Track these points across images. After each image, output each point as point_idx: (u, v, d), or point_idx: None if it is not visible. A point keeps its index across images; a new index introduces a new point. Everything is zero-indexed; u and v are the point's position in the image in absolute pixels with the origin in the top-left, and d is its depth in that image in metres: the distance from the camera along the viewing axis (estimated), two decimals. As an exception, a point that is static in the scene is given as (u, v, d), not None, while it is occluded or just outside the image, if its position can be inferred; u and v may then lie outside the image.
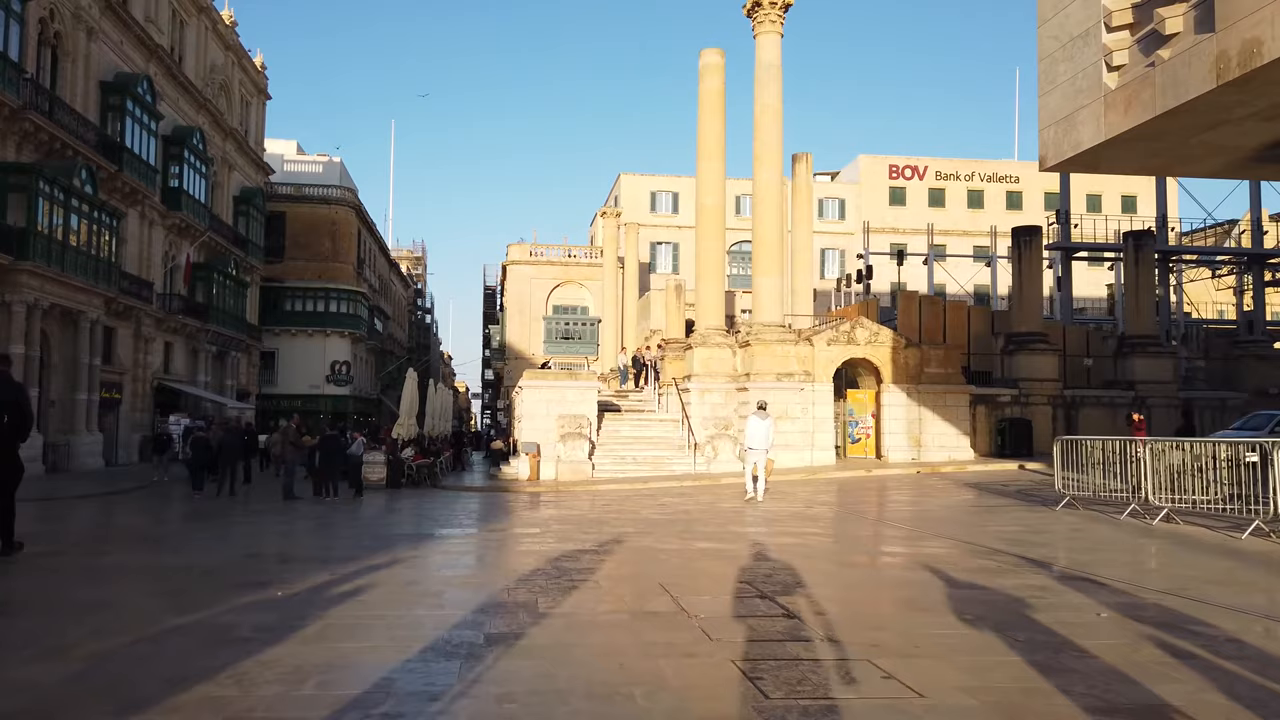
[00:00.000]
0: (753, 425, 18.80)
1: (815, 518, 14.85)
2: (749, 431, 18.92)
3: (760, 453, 18.30)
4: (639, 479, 25.11)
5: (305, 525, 15.07)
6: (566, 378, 27.72)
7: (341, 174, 63.61)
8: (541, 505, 18.06)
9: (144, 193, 36.14)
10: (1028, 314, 30.11)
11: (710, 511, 15.81)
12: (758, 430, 18.57)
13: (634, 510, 16.28)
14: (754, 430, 18.67)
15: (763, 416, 18.89)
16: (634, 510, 16.28)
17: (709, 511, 15.88)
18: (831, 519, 14.60)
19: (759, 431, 18.55)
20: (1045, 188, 68.45)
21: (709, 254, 29.00)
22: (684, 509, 16.39)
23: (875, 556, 10.48)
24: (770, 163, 27.67)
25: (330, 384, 57.89)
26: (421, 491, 24.51)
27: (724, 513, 15.50)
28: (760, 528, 13.15)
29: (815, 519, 14.66)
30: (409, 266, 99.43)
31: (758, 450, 18.36)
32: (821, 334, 27.52)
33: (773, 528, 13.03)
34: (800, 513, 15.53)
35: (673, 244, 63.25)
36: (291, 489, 19.44)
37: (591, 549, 10.68)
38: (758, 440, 18.53)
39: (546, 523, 14.03)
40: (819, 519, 14.66)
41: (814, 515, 15.27)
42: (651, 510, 16.06)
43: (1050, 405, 29.34)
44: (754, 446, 18.54)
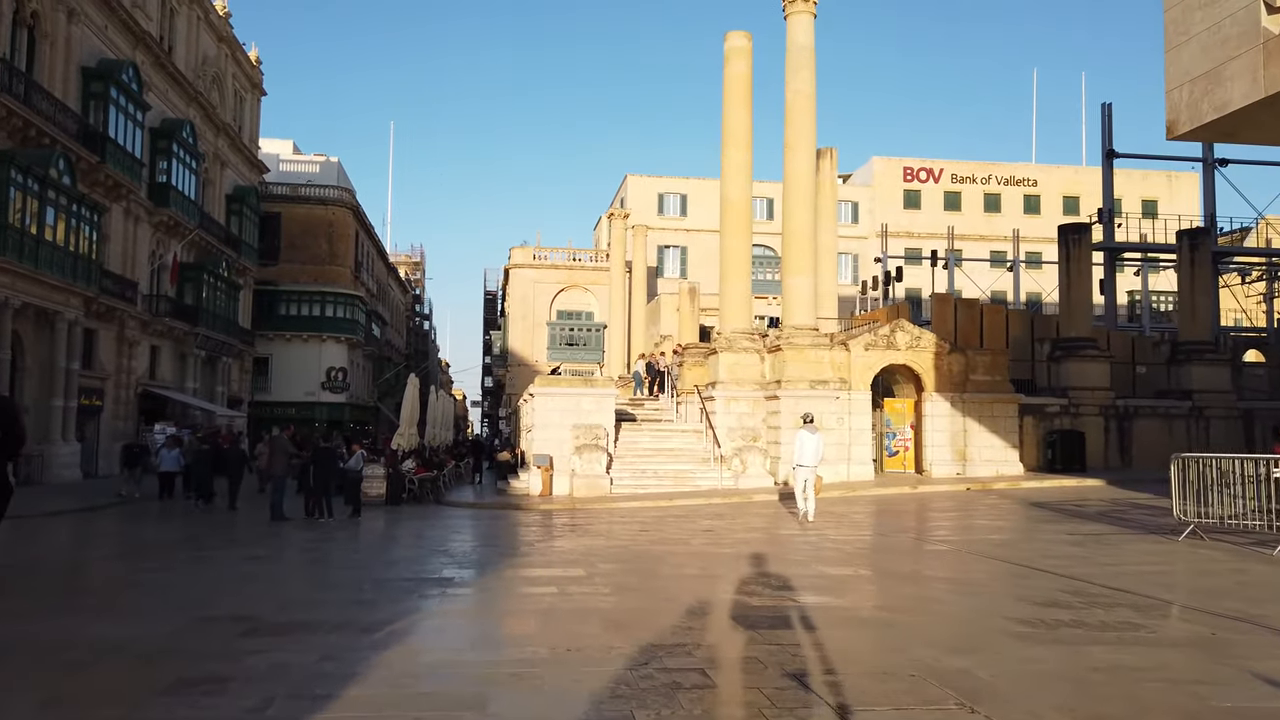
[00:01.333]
0: (803, 440, 16.86)
1: (900, 550, 12.70)
2: (799, 446, 17.06)
3: (810, 470, 16.58)
4: (662, 495, 22.98)
5: (289, 562, 12.70)
6: (582, 384, 25.59)
7: (339, 174, 61.55)
8: (566, 530, 15.87)
9: (129, 187, 34.00)
10: (1076, 318, 28.03)
11: (773, 541, 13.61)
12: (808, 445, 16.62)
13: (678, 537, 14.09)
14: (804, 445, 16.73)
15: (812, 430, 16.95)
16: (678, 537, 14.09)
17: (770, 540, 13.69)
18: (933, 555, 12.16)
19: (809, 446, 16.61)
20: (1064, 191, 66.69)
21: (734, 251, 26.91)
22: (739, 537, 14.20)
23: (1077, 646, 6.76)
24: (803, 151, 25.60)
25: (326, 391, 55.71)
26: (424, 509, 22.34)
27: (792, 543, 13.27)
28: (861, 568, 10.96)
29: (906, 553, 12.49)
30: (407, 271, 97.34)
31: (808, 467, 16.56)
32: (858, 338, 25.41)
33: (882, 573, 10.77)
34: (880, 543, 13.40)
35: (681, 247, 61.16)
36: (280, 508, 17.26)
37: (676, 614, 7.76)
38: (808, 455, 16.60)
39: (586, 558, 11.61)
40: (911, 553, 12.46)
41: (894, 547, 13.13)
42: (700, 539, 13.83)
43: (1102, 416, 27.24)
44: (804, 463, 16.60)
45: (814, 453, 16.52)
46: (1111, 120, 33.08)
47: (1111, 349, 28.42)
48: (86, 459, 31.40)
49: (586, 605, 8.43)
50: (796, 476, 17.09)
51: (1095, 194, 66.56)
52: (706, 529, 15.21)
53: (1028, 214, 65.02)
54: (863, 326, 28.53)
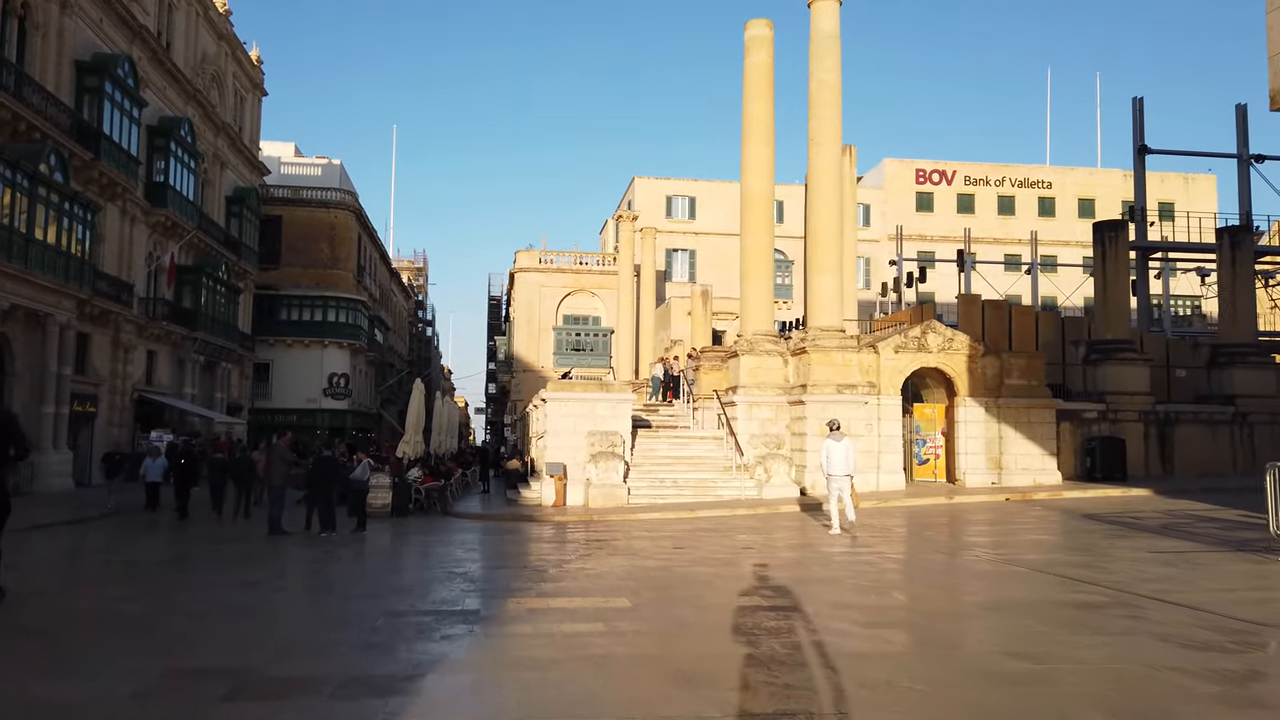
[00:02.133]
0: (832, 448, 15.84)
1: (974, 572, 11.42)
2: (828, 455, 15.91)
3: (844, 479, 15.70)
4: (683, 505, 21.73)
5: (288, 588, 11.21)
6: (596, 389, 24.35)
7: (341, 176, 60.44)
8: (591, 546, 14.60)
9: (124, 185, 32.83)
10: (1114, 319, 26.76)
11: (825, 561, 12.34)
12: (838, 453, 15.69)
13: (719, 556, 12.78)
14: (835, 454, 15.73)
15: (838, 437, 16.01)
16: (719, 556, 12.78)
17: (822, 560, 12.41)
18: (1016, 579, 10.68)
19: (840, 455, 15.68)
20: (1080, 193, 65.54)
21: (756, 249, 25.69)
22: (787, 556, 12.91)
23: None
24: (828, 144, 24.39)
25: (328, 398, 54.52)
26: (432, 521, 21.10)
27: (849, 564, 11.98)
28: (947, 596, 9.70)
29: (981, 576, 11.20)
30: (410, 277, 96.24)
31: (840, 477, 15.69)
32: (888, 340, 24.17)
33: (979, 605, 9.47)
34: (946, 564, 12.15)
35: (690, 250, 59.99)
36: (279, 521, 16.00)
37: (761, 664, 6.34)
38: (839, 465, 15.68)
39: (626, 584, 10.09)
40: (988, 576, 11.18)
41: (964, 567, 11.86)
42: (745, 558, 12.45)
43: (1141, 422, 25.96)
44: (836, 473, 15.72)
45: (844, 461, 15.64)
46: (1143, 114, 31.93)
47: (1147, 352, 27.15)
48: (80, 467, 30.17)
49: (645, 650, 7.07)
50: (829, 487, 16.08)
51: (1111, 196, 65.71)
52: (745, 545, 13.93)
53: (1042, 216, 63.85)
54: (890, 328, 27.30)
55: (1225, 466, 26.38)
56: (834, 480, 15.75)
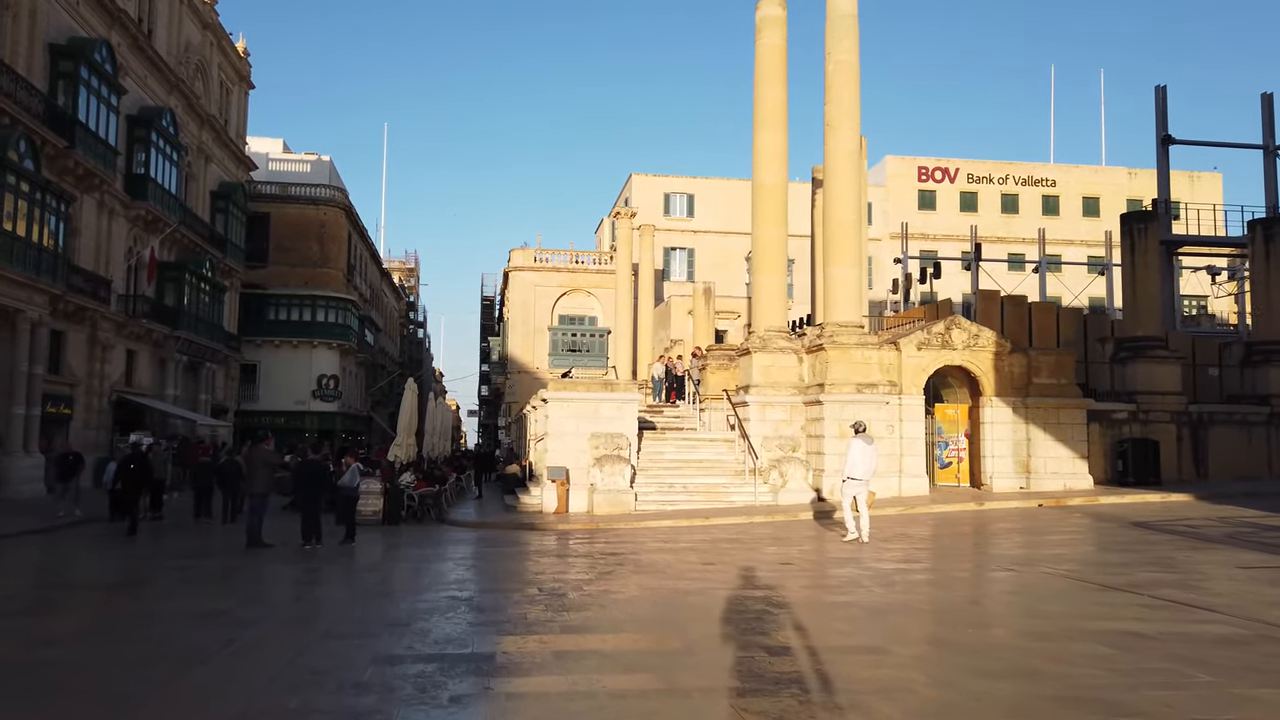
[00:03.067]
0: (856, 450, 14.82)
1: (1062, 595, 9.98)
2: (852, 458, 14.83)
3: (863, 484, 14.76)
4: (695, 512, 20.36)
5: (257, 621, 9.15)
6: (600, 388, 22.95)
7: (331, 173, 58.85)
8: (608, 561, 13.17)
9: (102, 176, 31.27)
10: (1143, 315, 25.46)
11: (882, 580, 10.97)
12: (861, 456, 14.70)
13: (758, 573, 11.34)
14: (860, 457, 14.71)
15: (867, 440, 15.04)
16: (758, 573, 11.34)
17: (878, 578, 11.03)
18: (1116, 602, 9.13)
19: (863, 458, 14.69)
20: (1083, 192, 64.49)
21: (768, 241, 24.33)
22: (840, 574, 11.52)
23: None
24: (846, 129, 23.04)
25: (317, 400, 52.94)
26: (426, 530, 19.65)
27: (909, 584, 10.63)
28: (1033, 618, 8.32)
29: (1072, 599, 9.79)
30: (401, 278, 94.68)
31: (860, 481, 14.73)
32: (909, 337, 22.82)
33: (1113, 642, 8.03)
34: (1015, 582, 10.80)
35: (688, 249, 58.63)
36: (258, 532, 14.51)
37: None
38: (861, 468, 14.67)
39: (667, 616, 8.68)
40: (1079, 599, 9.71)
41: (1037, 587, 10.49)
42: (791, 577, 10.98)
43: (1174, 423, 24.66)
44: (857, 476, 14.71)
45: (866, 465, 14.67)
46: (1166, 103, 30.72)
47: (1175, 349, 25.86)
48: (52, 473, 28.54)
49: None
50: (845, 492, 15.01)
51: (1116, 194, 64.67)
52: (781, 560, 12.50)
53: (1047, 215, 62.69)
54: (907, 324, 25.97)
55: (1260, 469, 25.12)
56: (852, 485, 14.76)
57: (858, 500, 14.87)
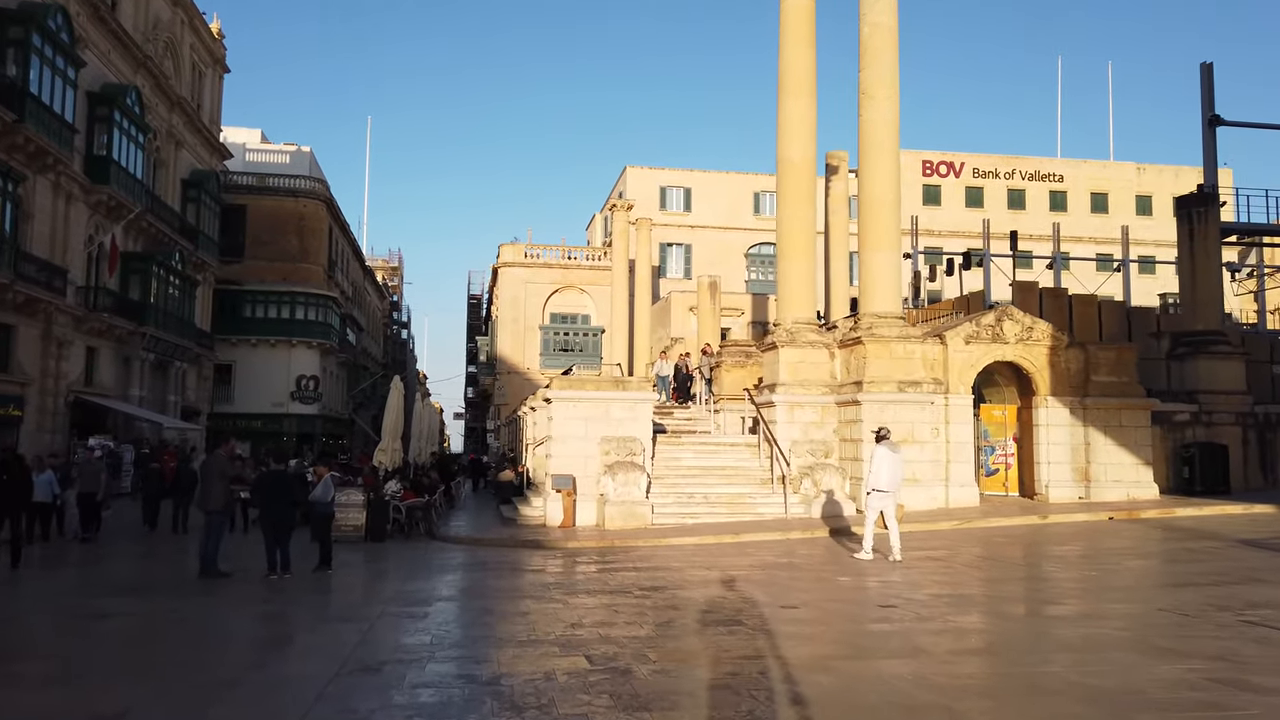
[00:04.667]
0: (882, 459, 13.46)
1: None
2: (877, 468, 13.48)
3: (890, 496, 13.44)
4: (720, 527, 17.94)
5: (169, 709, 6.28)
6: (612, 386, 20.48)
7: (311, 164, 56.15)
8: (651, 600, 10.65)
9: (57, 156, 28.52)
10: (1203, 307, 23.22)
11: (1031, 635, 8.54)
12: (887, 465, 13.39)
13: (871, 628, 8.87)
14: (885, 466, 13.39)
15: (893, 447, 13.71)
16: (871, 628, 8.87)
17: (1029, 631, 8.61)
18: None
19: (889, 467, 13.38)
20: (1092, 188, 62.58)
21: (795, 222, 21.94)
22: (977, 627, 9.08)
23: None
24: (883, 97, 20.68)
25: (296, 401, 50.16)
26: (415, 548, 17.12)
27: (1077, 621, 8.16)
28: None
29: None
30: (384, 276, 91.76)
31: (887, 494, 13.41)
32: (956, 329, 20.46)
33: None
34: (1221, 630, 8.38)
35: (685, 245, 56.21)
36: (213, 559, 11.92)
37: None
38: (888, 479, 13.38)
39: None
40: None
41: (1256, 637, 8.09)
42: (932, 637, 8.38)
43: (1239, 425, 22.43)
44: (884, 488, 13.39)
45: (893, 475, 13.39)
46: (1213, 82, 28.62)
47: (1239, 346, 23.66)
48: None
49: None
50: (870, 505, 13.63)
51: (1125, 190, 62.80)
52: (887, 599, 9.88)
53: (1054, 211, 60.62)
54: (944, 318, 23.65)
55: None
56: (878, 498, 13.39)
57: (885, 515, 13.38)
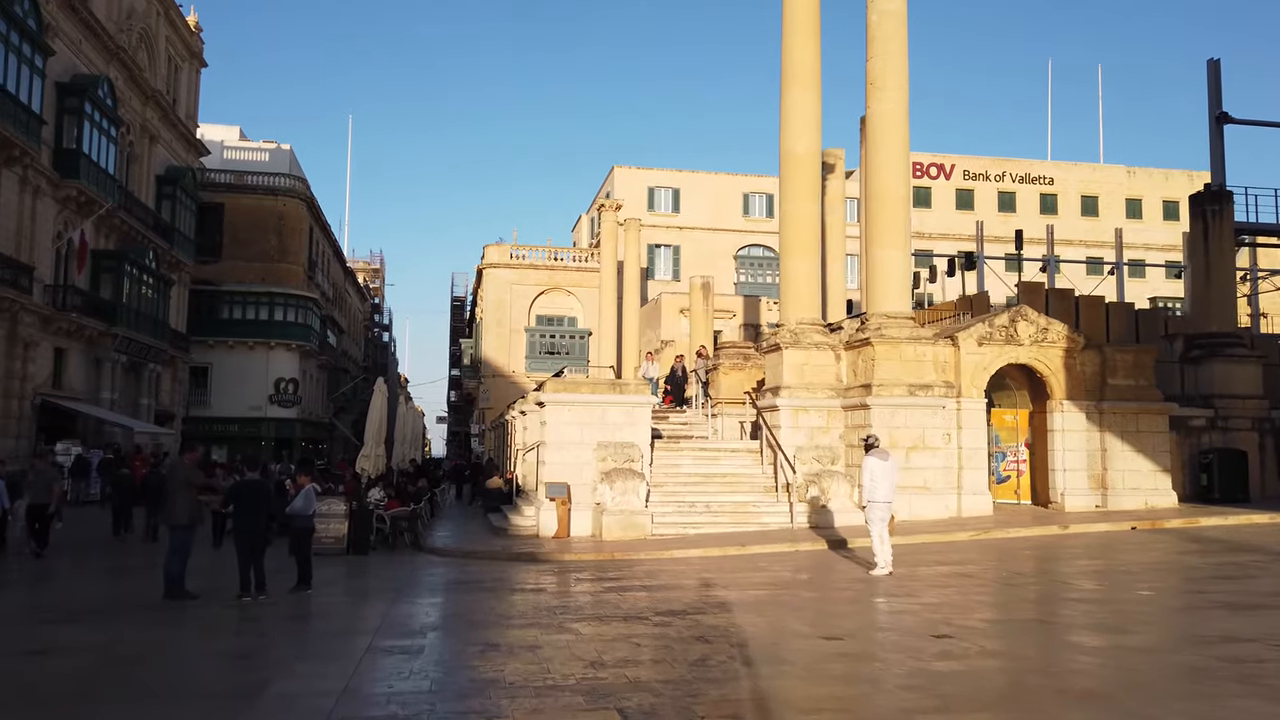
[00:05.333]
0: (875, 469, 12.79)
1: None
2: (872, 479, 12.78)
3: (887, 507, 12.72)
4: (724, 538, 16.96)
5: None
6: (609, 389, 19.45)
7: (291, 162, 54.84)
8: (675, 628, 9.61)
9: (24, 147, 27.27)
10: (1218, 309, 22.48)
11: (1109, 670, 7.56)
12: (884, 476, 12.77)
13: (948, 685, 7.80)
14: (881, 476, 12.75)
15: (883, 456, 13.09)
16: (948, 685, 7.80)
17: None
18: None
19: (886, 478, 12.78)
20: (1082, 190, 62.22)
21: (798, 218, 21.01)
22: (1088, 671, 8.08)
23: None
24: (893, 88, 19.80)
25: (274, 405, 48.81)
26: (401, 561, 16.04)
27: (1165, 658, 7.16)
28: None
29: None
30: (366, 278, 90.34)
31: (883, 504, 12.67)
32: (969, 330, 19.59)
33: None
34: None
35: (673, 246, 55.30)
36: (180, 579, 10.78)
37: None
38: (885, 489, 12.74)
39: None
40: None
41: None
42: (1003, 672, 7.49)
43: (1255, 430, 21.69)
44: (882, 499, 12.68)
45: (888, 485, 12.81)
46: (1220, 79, 27.97)
47: (1257, 348, 22.94)
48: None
49: None
50: (871, 518, 12.77)
51: (1115, 193, 62.44)
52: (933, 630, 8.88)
53: (1044, 214, 60.16)
54: (948, 320, 22.80)
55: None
56: (878, 509, 12.64)
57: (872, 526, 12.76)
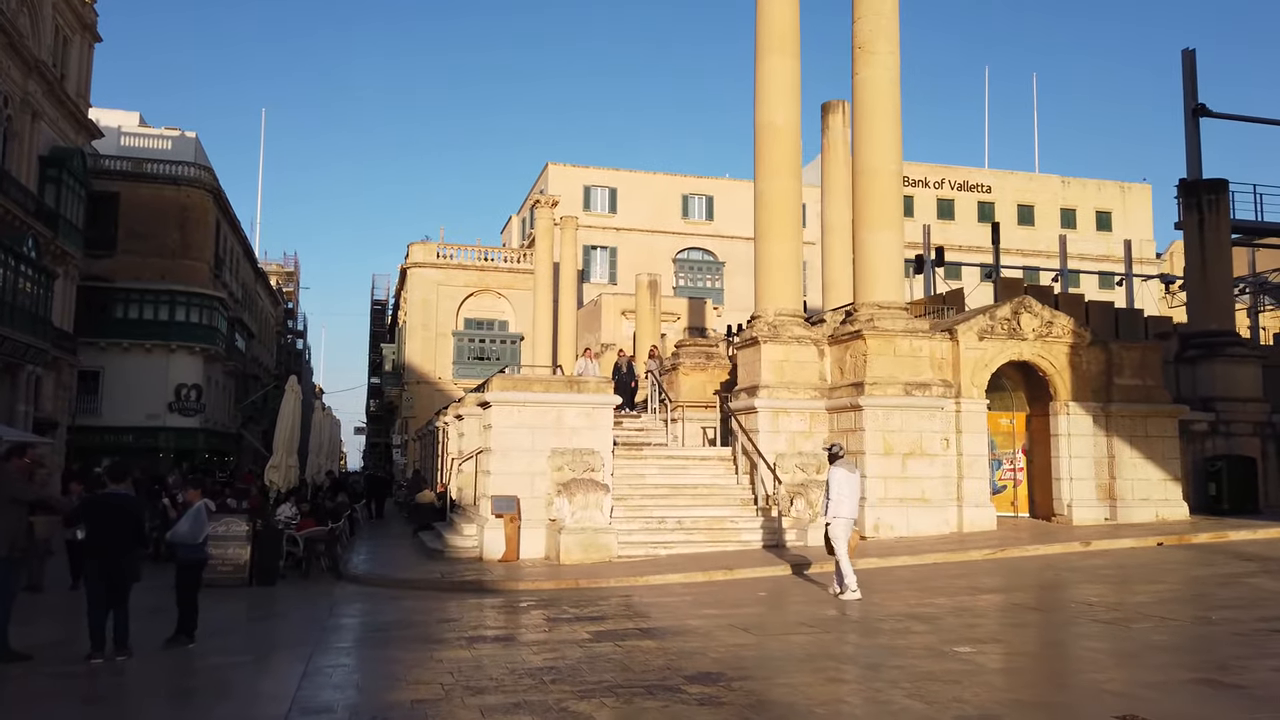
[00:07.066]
0: (842, 481, 11.60)
1: None
2: (837, 493, 11.55)
3: (850, 523, 11.63)
4: (703, 559, 14.51)
5: None
6: (565, 388, 16.77)
7: (196, 152, 50.62)
8: (683, 690, 7.08)
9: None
10: (1215, 306, 20.96)
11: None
12: (849, 490, 11.64)
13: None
14: (847, 490, 11.59)
15: (850, 467, 12.01)
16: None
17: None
18: None
19: (851, 491, 11.67)
20: (1019, 199, 61.92)
21: (778, 196, 18.72)
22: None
23: None
24: (883, 51, 17.70)
25: (174, 413, 44.52)
26: (318, 594, 13.06)
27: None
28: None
29: None
30: (279, 281, 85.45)
31: (847, 520, 11.58)
32: (969, 322, 17.54)
33: None
34: None
35: (610, 248, 52.79)
36: (2, 634, 7.74)
37: None
38: (850, 504, 11.60)
39: None
40: None
41: None
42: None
43: (1257, 436, 20.18)
44: (846, 515, 11.56)
45: (853, 500, 11.73)
46: (1195, 71, 26.86)
47: (1255, 348, 21.53)
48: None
49: None
50: (835, 535, 11.49)
51: (1051, 203, 62.34)
52: (997, 696, 6.55)
53: (982, 222, 59.55)
54: (919, 318, 20.79)
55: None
56: (842, 525, 11.48)
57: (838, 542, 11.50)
